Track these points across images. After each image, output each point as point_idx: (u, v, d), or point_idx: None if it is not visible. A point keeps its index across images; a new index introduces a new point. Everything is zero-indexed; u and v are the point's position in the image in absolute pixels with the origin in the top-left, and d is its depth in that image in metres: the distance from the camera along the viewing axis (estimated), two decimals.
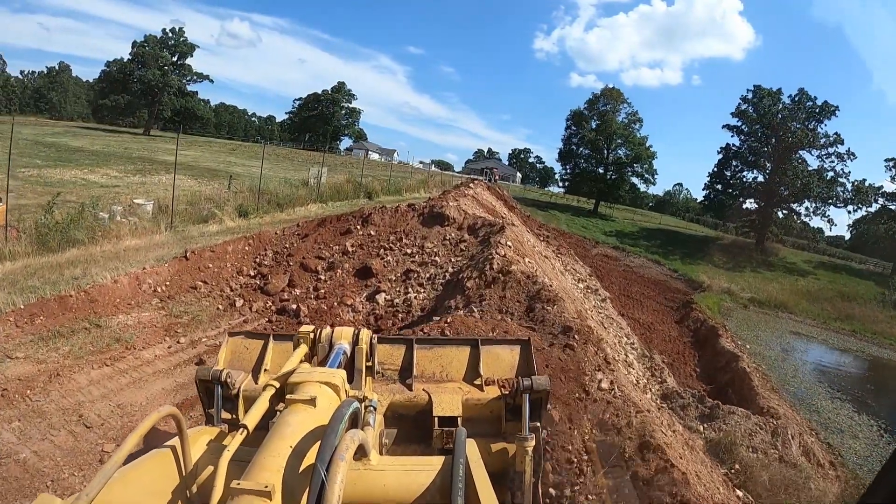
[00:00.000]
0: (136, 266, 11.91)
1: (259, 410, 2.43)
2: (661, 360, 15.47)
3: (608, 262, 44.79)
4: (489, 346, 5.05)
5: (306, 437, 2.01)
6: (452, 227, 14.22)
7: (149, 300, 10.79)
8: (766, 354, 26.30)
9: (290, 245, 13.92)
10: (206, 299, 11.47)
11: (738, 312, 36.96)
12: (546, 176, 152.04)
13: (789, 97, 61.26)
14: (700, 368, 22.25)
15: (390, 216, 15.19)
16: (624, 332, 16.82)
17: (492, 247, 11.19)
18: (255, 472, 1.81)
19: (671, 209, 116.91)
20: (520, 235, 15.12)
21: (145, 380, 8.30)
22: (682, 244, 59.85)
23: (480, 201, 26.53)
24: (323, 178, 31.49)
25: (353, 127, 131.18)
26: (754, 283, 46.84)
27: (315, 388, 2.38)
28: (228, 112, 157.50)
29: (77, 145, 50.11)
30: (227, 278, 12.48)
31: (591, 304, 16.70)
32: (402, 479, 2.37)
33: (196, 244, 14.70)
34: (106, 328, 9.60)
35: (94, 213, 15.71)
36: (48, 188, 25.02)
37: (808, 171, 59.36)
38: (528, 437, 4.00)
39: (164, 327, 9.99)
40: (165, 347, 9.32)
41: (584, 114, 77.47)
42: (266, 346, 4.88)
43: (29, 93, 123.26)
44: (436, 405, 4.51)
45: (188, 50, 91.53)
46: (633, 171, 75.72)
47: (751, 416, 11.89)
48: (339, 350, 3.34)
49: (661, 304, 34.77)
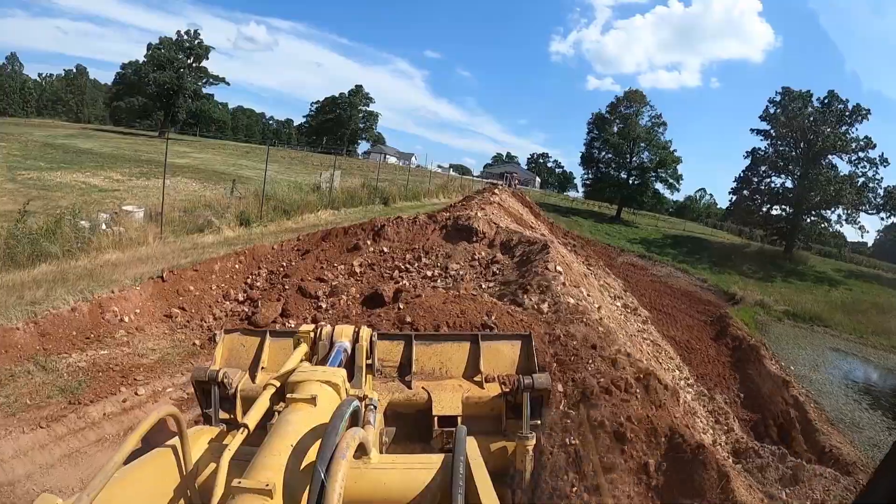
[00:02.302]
0: (108, 288, 10.07)
1: (259, 410, 2.45)
2: (722, 400, 13.37)
3: (635, 271, 42.59)
4: (490, 341, 4.98)
5: (307, 436, 2.02)
6: (482, 244, 12.00)
7: (112, 333, 8.87)
8: (811, 377, 24.07)
9: (287, 263, 11.79)
10: (182, 331, 9.47)
11: (774, 327, 34.79)
12: (565, 180, 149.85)
13: (818, 100, 58.75)
14: (744, 394, 20.21)
15: (407, 229, 12.85)
16: (675, 362, 14.73)
17: (535, 272, 9.05)
18: (256, 470, 1.83)
19: (691, 214, 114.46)
20: (564, 255, 12.97)
21: (84, 452, 6.36)
22: (708, 252, 57.42)
23: (507, 209, 24.35)
24: (336, 183, 29.54)
25: (371, 130, 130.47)
26: (787, 293, 44.49)
27: (315, 387, 2.39)
28: (246, 115, 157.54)
29: (86, 147, 48.78)
30: (211, 304, 10.45)
31: (635, 327, 14.64)
32: (402, 477, 2.33)
33: (185, 258, 12.86)
34: (52, 372, 7.73)
35: (74, 223, 13.94)
36: (43, 192, 23.58)
37: (839, 176, 56.92)
38: (529, 436, 4.09)
39: (124, 371, 8.00)
40: (119, 402, 7.35)
41: (606, 117, 75.19)
42: (263, 343, 4.80)
43: (47, 96, 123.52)
44: (435, 404, 4.48)
45: (203, 52, 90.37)
46: (657, 176, 73.37)
47: (839, 479, 9.81)
48: (339, 348, 3.34)
49: (695, 318, 32.55)
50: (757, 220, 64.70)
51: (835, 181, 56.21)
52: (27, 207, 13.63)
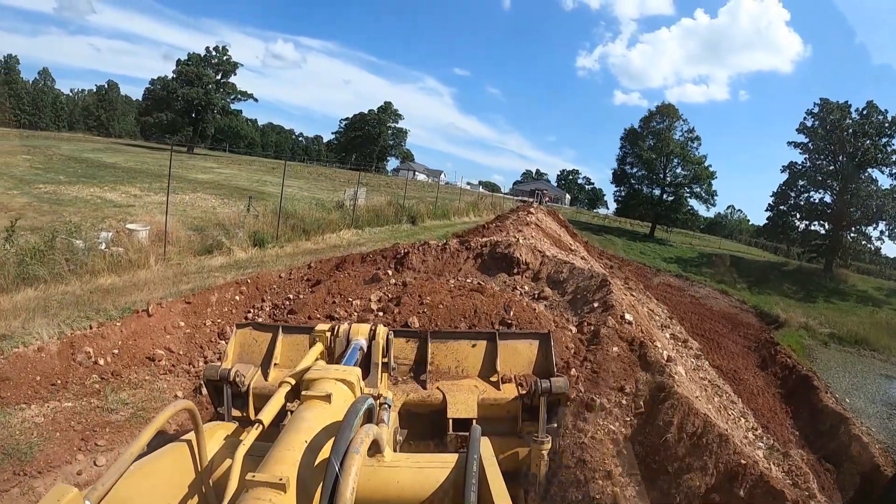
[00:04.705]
0: (91, 320, 8.71)
1: (275, 406, 2.52)
2: (799, 457, 11.53)
3: (673, 292, 40.50)
4: (507, 339, 4.89)
5: (321, 433, 2.04)
6: (525, 276, 10.21)
7: (82, 379, 7.40)
8: (868, 411, 22.02)
9: (295, 296, 10.12)
10: (165, 378, 7.90)
11: (820, 352, 32.59)
12: (595, 197, 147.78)
13: (856, 111, 56.33)
14: (798, 431, 18.26)
15: (435, 257, 11.05)
16: (738, 407, 12.90)
17: (602, 329, 7.30)
18: (270, 465, 1.83)
19: (723, 231, 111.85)
20: (625, 292, 11.22)
21: None
22: (746, 271, 55.07)
23: (545, 230, 22.54)
24: (360, 200, 28.11)
25: (400, 147, 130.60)
26: (830, 315, 42.30)
27: (330, 384, 2.43)
28: (276, 132, 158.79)
29: (111, 161, 48.52)
30: (203, 344, 8.87)
31: (689, 364, 12.87)
32: (416, 475, 2.31)
33: (187, 284, 11.47)
34: (5, 428, 6.32)
35: (69, 242, 12.69)
36: (56, 206, 22.79)
37: (881, 190, 54.47)
38: (545, 440, 4.05)
39: (86, 430, 6.48)
40: (73, 473, 5.83)
41: (638, 132, 73.22)
42: (275, 338, 4.75)
43: (78, 111, 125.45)
44: (450, 406, 4.44)
45: (231, 68, 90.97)
46: (691, 192, 71.05)
47: None
48: (355, 346, 3.36)
49: (738, 343, 30.48)
50: (795, 237, 62.52)
51: (876, 196, 54.04)
52: (18, 224, 12.49)
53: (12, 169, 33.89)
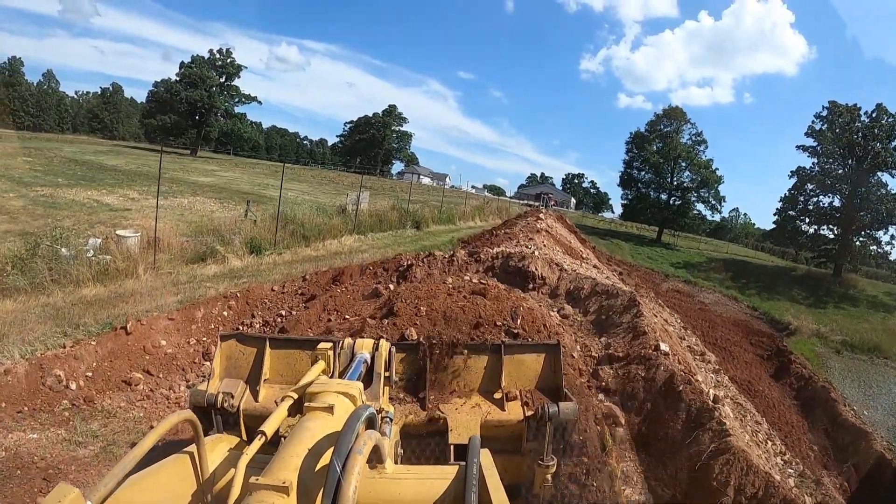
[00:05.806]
0: (70, 336, 8.01)
1: (278, 418, 2.47)
2: (831, 484, 10.75)
3: (682, 299, 39.74)
4: (513, 353, 4.62)
5: (323, 440, 2.03)
6: (542, 293, 9.34)
7: (51, 405, 6.71)
8: (887, 423, 21.27)
9: (287, 311, 9.41)
10: (141, 405, 7.17)
11: (834, 360, 32.00)
12: (600, 201, 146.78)
13: (865, 114, 55.72)
14: (817, 446, 17.49)
15: (441, 270, 10.11)
16: (763, 428, 12.12)
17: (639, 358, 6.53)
18: (274, 470, 1.82)
19: (728, 235, 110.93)
20: (655, 310, 10.41)
21: None
22: (755, 276, 54.51)
23: (556, 237, 21.64)
24: (364, 205, 27.35)
25: (405, 150, 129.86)
26: (842, 321, 41.67)
27: (333, 397, 2.39)
28: (280, 135, 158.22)
29: (112, 164, 48.01)
30: (185, 366, 8.13)
31: (710, 380, 12.10)
32: (416, 487, 2.30)
33: (176, 295, 10.74)
34: None
35: (53, 250, 12.01)
36: (50, 210, 22.18)
37: (891, 194, 53.85)
38: (550, 464, 3.96)
39: (49, 469, 5.73)
40: None
41: (645, 135, 72.52)
42: (262, 352, 4.53)
43: (83, 113, 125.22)
44: (452, 430, 4.26)
45: (235, 71, 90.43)
46: (698, 197, 70.29)
47: None
48: (359, 360, 3.33)
49: (750, 351, 29.78)
50: (803, 241, 61.64)
51: (886, 199, 53.46)
52: (6, 227, 11.81)
53: (11, 171, 33.44)
